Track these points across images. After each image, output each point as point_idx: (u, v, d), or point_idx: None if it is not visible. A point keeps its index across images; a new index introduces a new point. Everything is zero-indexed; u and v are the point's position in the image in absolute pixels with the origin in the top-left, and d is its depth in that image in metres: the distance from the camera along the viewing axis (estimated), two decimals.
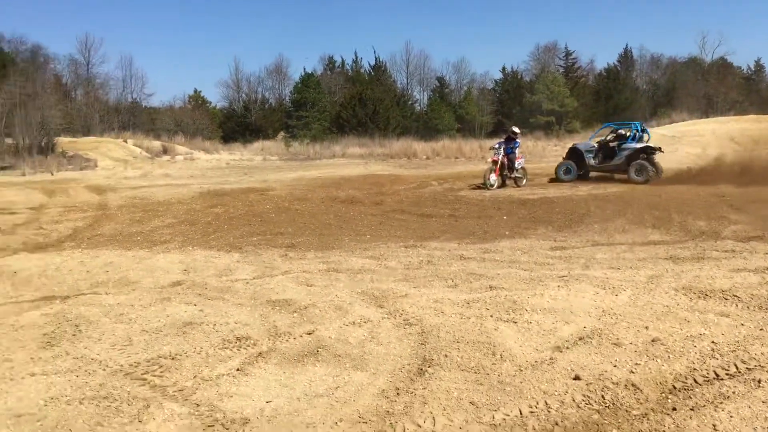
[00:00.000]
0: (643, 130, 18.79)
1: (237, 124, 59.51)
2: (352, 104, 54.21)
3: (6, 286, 6.98)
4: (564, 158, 19.49)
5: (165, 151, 38.90)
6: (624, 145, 17.96)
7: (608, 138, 18.85)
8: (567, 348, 4.41)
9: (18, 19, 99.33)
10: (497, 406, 3.62)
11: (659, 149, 18.02)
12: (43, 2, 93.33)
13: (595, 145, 18.79)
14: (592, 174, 18.65)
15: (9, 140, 32.11)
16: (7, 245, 10.00)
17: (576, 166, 18.56)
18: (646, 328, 4.71)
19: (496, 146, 17.61)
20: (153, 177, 25.83)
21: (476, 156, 35.24)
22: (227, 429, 3.48)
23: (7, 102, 33.86)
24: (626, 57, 67.21)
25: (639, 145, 17.88)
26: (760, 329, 4.58)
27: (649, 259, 7.51)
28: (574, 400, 3.65)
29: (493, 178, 16.88)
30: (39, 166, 28.51)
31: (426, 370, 4.14)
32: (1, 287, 6.93)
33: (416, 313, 5.32)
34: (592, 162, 18.40)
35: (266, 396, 3.89)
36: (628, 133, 18.43)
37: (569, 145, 21.49)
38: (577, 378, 3.90)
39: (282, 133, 56.29)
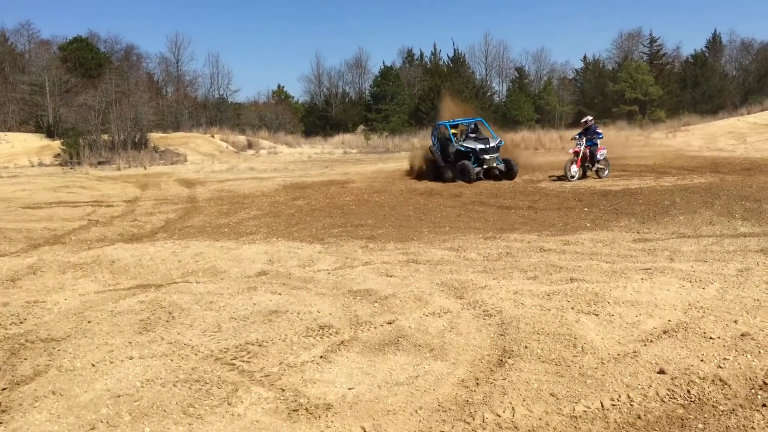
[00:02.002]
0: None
1: (318, 118, 60.54)
2: (431, 97, 54.13)
3: (105, 274, 7.40)
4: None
5: (249, 146, 39.95)
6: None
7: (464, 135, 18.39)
8: (651, 341, 4.33)
9: (113, 20, 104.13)
10: (578, 398, 3.62)
11: None
12: (136, 3, 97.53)
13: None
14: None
15: (105, 136, 33.71)
16: (105, 236, 10.57)
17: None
18: (735, 322, 4.57)
19: (577, 137, 17.24)
20: (238, 171, 26.59)
21: (556, 147, 34.39)
22: (311, 413, 3.61)
23: (104, 100, 35.56)
24: (714, 43, 64.31)
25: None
26: None
27: (739, 251, 7.23)
28: (657, 394, 3.60)
29: (574, 169, 16.54)
30: (133, 161, 29.87)
31: (506, 361, 4.16)
32: (101, 275, 7.35)
33: (496, 305, 5.33)
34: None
35: (348, 383, 4.01)
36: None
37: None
38: (661, 372, 3.84)
39: (361, 126, 56.84)
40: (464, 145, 17.88)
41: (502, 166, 17.75)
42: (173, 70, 62.24)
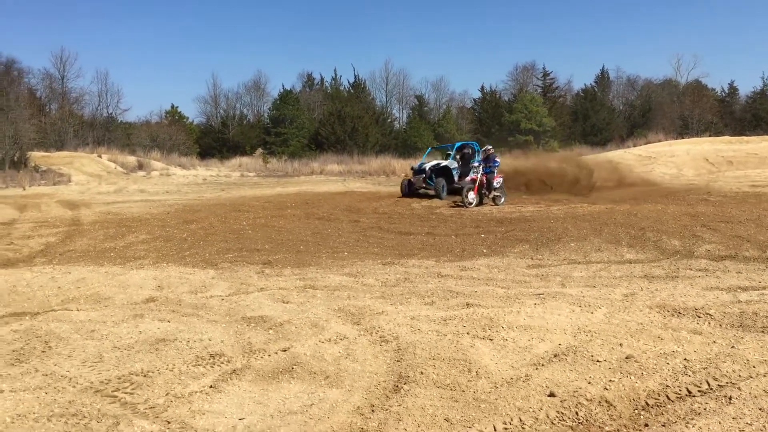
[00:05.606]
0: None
1: (214, 140, 59.21)
2: (331, 121, 54.29)
3: None
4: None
5: (140, 167, 38.60)
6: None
7: (455, 158, 20.52)
8: (542, 365, 4.41)
9: None
10: (472, 422, 3.61)
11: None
12: (18, 16, 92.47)
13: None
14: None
15: None
16: None
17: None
18: (621, 345, 4.73)
19: (476, 164, 17.75)
20: (128, 192, 25.60)
21: None
22: None
23: None
24: (603, 78, 68.19)
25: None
26: (732, 347, 4.63)
27: (624, 277, 7.57)
28: (548, 417, 3.65)
29: (472, 196, 16.95)
30: (10, 181, 28.15)
31: (401, 387, 4.11)
32: None
33: (393, 330, 5.30)
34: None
35: (239, 413, 3.84)
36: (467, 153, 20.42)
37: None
38: (551, 395, 3.91)
39: (260, 149, 56.09)
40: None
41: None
42: (58, 86, 58.99)
